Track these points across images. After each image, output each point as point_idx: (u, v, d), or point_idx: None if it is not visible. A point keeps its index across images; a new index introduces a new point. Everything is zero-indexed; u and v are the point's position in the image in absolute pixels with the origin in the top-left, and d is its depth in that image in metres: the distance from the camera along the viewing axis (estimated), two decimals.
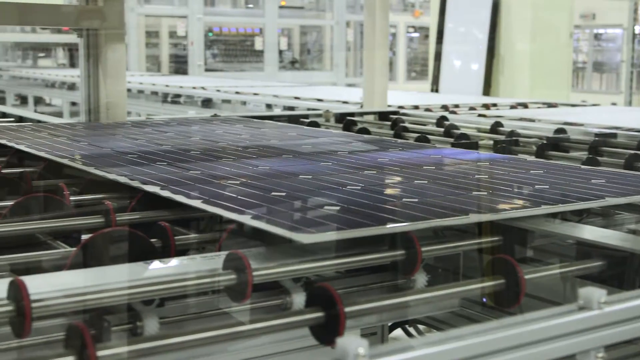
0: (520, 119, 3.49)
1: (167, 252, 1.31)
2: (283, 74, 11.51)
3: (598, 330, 0.97)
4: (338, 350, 0.79)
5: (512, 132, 2.91)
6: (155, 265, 1.14)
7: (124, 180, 1.63)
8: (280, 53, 12.34)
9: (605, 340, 0.98)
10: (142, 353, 0.91)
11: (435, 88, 8.82)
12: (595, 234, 1.31)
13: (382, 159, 2.02)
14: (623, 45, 12.24)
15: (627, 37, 11.25)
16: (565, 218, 1.45)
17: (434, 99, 5.18)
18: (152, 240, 1.30)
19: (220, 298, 1.13)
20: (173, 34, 12.49)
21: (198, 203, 1.40)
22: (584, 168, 1.92)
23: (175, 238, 1.34)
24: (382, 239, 1.25)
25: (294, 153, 2.11)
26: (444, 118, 3.44)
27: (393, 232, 1.24)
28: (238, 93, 5.55)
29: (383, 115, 3.71)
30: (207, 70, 11.02)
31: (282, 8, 12.21)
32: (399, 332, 2.46)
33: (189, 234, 1.41)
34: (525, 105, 4.58)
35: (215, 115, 3.44)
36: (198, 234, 1.41)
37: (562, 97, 7.33)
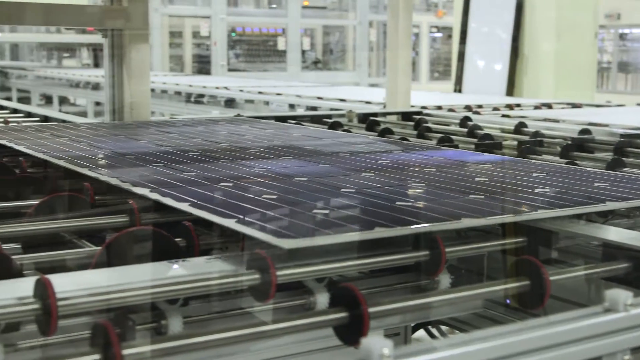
0: (545, 120, 3.47)
1: (191, 251, 1.31)
2: (306, 74, 11.52)
3: (624, 333, 0.96)
4: (362, 351, 0.79)
5: (536, 132, 2.89)
6: (179, 265, 1.14)
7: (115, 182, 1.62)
8: (303, 53, 12.36)
9: (632, 343, 0.97)
10: (166, 352, 0.91)
11: (459, 88, 8.79)
12: (622, 236, 1.30)
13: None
14: None
15: None
16: (591, 219, 1.44)
17: (457, 99, 5.16)
18: (176, 240, 1.30)
19: (244, 298, 1.13)
20: (196, 34, 12.54)
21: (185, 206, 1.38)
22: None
23: (199, 237, 1.34)
24: (406, 240, 1.24)
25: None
26: (468, 118, 3.42)
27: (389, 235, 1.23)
28: (261, 93, 5.56)
29: (406, 116, 3.71)
30: (230, 70, 11.06)
31: (304, 8, 12.24)
32: (422, 333, 2.45)
33: (213, 234, 1.41)
34: (550, 106, 4.55)
35: (238, 116, 3.45)
36: (221, 234, 1.42)
37: (586, 97, 7.27)
